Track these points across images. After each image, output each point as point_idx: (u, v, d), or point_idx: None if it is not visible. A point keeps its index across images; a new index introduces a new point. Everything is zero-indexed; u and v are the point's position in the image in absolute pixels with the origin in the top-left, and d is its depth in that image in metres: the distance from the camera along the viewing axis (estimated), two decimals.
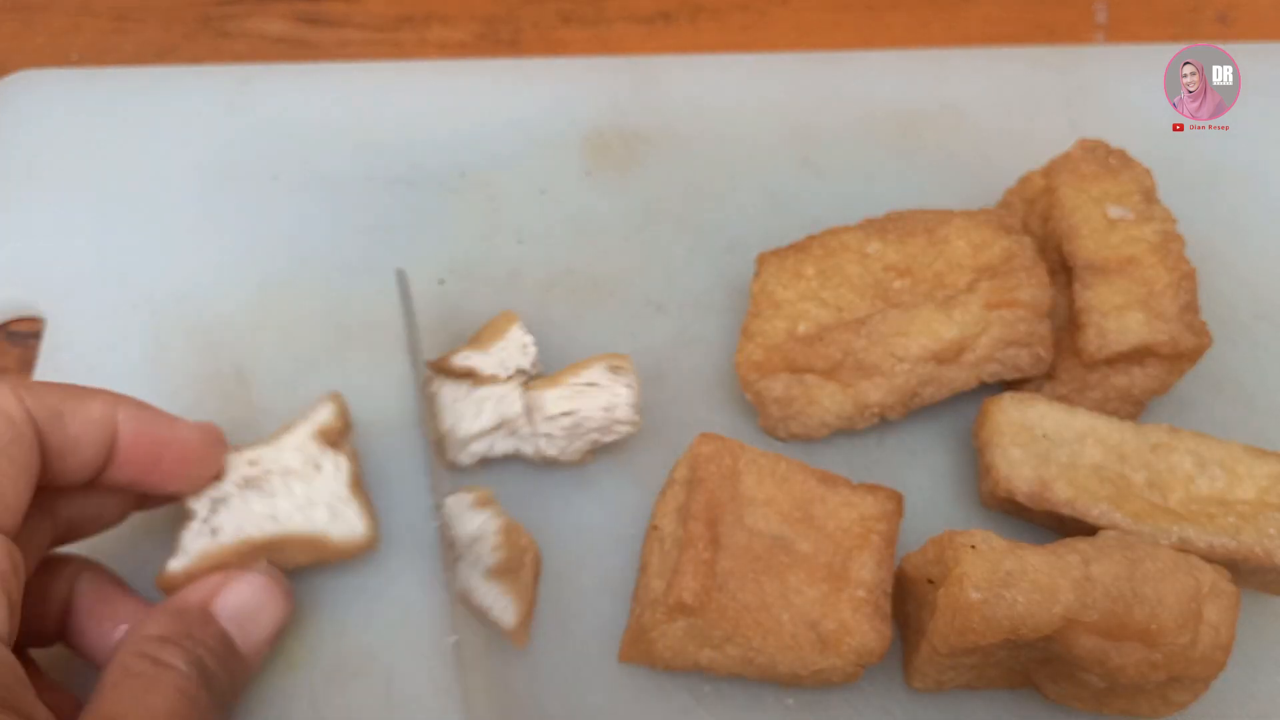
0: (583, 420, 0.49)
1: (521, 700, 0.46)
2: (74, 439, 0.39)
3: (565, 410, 0.49)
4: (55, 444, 0.39)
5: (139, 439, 0.41)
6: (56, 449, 0.39)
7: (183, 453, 0.43)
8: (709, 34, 0.72)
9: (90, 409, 0.40)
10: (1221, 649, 0.40)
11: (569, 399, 0.49)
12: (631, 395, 0.49)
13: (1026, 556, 0.40)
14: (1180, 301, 0.49)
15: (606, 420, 0.49)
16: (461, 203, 0.61)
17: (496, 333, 0.53)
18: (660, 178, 0.63)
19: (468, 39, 0.71)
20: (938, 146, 0.64)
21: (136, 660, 0.39)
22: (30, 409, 0.38)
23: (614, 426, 0.50)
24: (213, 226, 0.60)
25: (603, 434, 0.50)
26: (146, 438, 0.42)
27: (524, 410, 0.50)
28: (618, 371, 0.50)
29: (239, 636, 0.43)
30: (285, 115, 0.64)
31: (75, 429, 0.39)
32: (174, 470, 0.43)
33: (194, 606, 0.43)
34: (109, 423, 0.41)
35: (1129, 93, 0.65)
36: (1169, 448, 0.47)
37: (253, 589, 0.44)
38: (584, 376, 0.49)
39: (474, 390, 0.51)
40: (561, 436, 0.50)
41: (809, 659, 0.42)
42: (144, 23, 0.71)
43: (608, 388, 0.49)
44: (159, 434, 0.42)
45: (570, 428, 0.50)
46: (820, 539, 0.45)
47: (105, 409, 0.41)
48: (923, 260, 0.53)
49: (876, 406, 0.51)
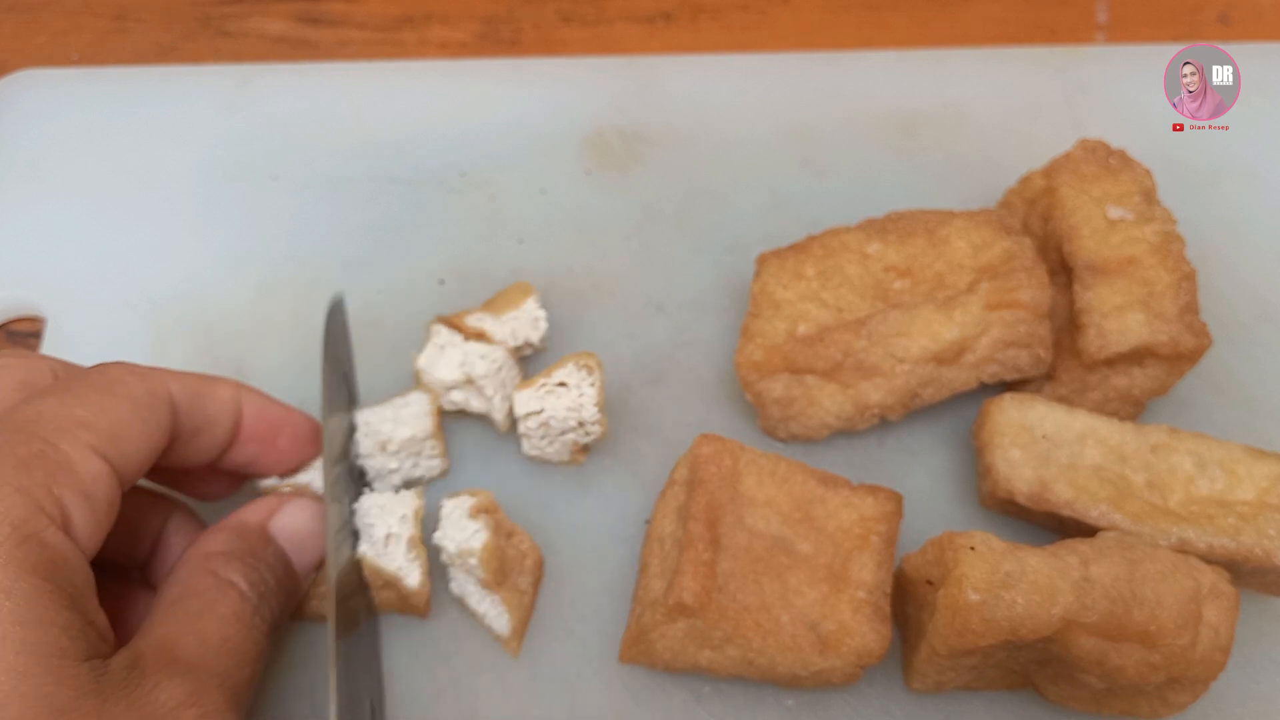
0: (550, 419, 0.49)
1: (521, 700, 0.47)
2: (211, 418, 0.43)
3: (533, 410, 0.49)
4: (195, 423, 0.42)
5: (260, 420, 0.45)
6: (194, 427, 0.42)
7: (295, 434, 0.46)
8: (709, 34, 0.72)
9: (221, 392, 0.43)
10: (1221, 650, 0.40)
11: (539, 399, 0.49)
12: (595, 394, 0.49)
13: (1026, 558, 0.40)
14: (1180, 302, 0.49)
15: (574, 420, 0.49)
16: (461, 203, 0.61)
17: (510, 301, 0.54)
18: (660, 178, 0.63)
19: (468, 39, 0.71)
20: (938, 146, 0.64)
21: (199, 576, 0.40)
22: (174, 392, 0.41)
23: (586, 427, 0.49)
24: (212, 226, 0.60)
25: (578, 435, 0.50)
26: (267, 420, 0.45)
27: (494, 373, 0.50)
28: (586, 370, 0.49)
29: (294, 557, 0.44)
30: (285, 115, 0.64)
31: (212, 409, 0.43)
32: (286, 450, 0.46)
33: (253, 525, 0.44)
34: (236, 404, 0.44)
35: (1129, 93, 0.65)
36: (1169, 449, 0.47)
37: (307, 511, 0.45)
38: (556, 376, 0.49)
39: (465, 343, 0.51)
40: (537, 436, 0.50)
41: (809, 660, 0.42)
42: (144, 22, 0.71)
43: (575, 387, 0.49)
44: (276, 416, 0.45)
45: (539, 428, 0.49)
46: (820, 540, 0.45)
47: (233, 392, 0.44)
48: (923, 261, 0.53)
49: (876, 407, 0.51)
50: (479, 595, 0.47)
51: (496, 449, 0.53)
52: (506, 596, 0.46)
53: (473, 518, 0.46)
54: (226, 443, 0.44)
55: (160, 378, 0.41)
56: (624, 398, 0.54)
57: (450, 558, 0.46)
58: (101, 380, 0.39)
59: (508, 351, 0.52)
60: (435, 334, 0.52)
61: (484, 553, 0.45)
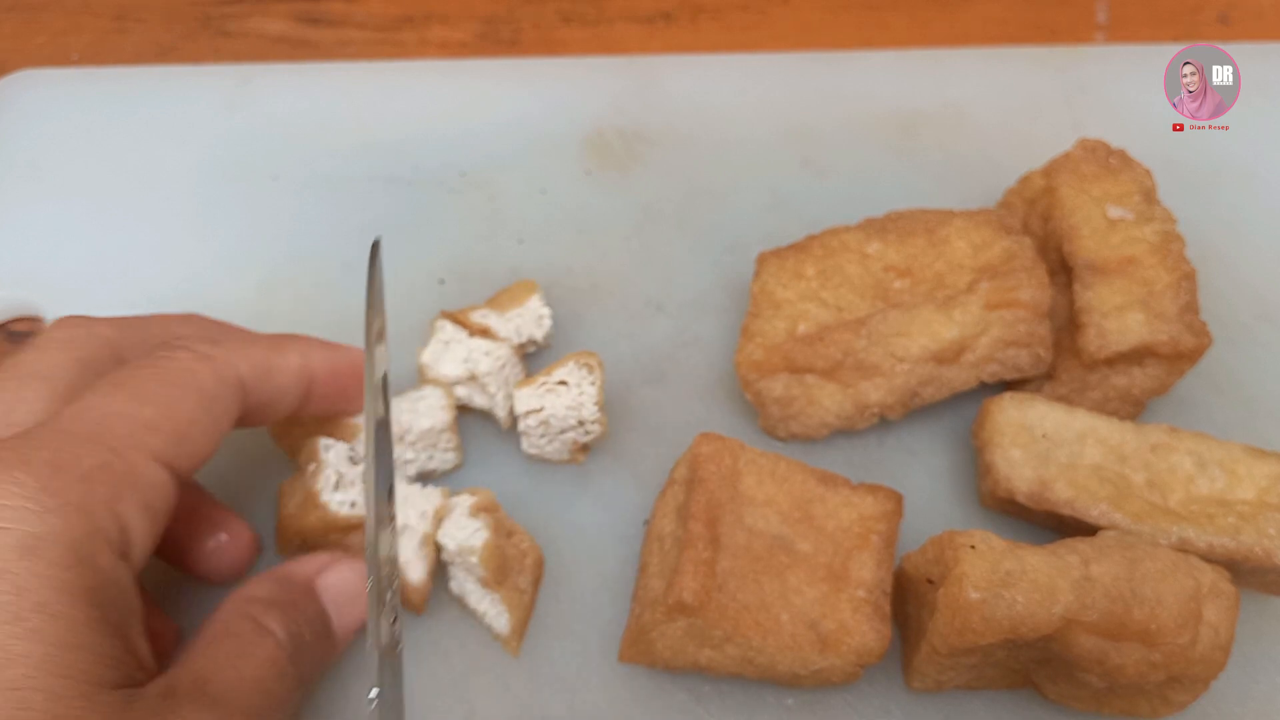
0: (550, 418, 0.49)
1: (521, 699, 0.47)
2: (280, 389, 0.43)
3: (533, 408, 0.49)
4: (264, 397, 0.42)
5: (333, 377, 0.45)
6: (265, 401, 0.42)
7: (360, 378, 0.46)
8: (709, 34, 0.72)
9: (290, 360, 0.43)
10: (1221, 649, 0.40)
11: (539, 396, 0.49)
12: (595, 393, 0.49)
13: (1026, 556, 0.40)
14: (1180, 302, 0.49)
15: (574, 419, 0.49)
16: (461, 203, 0.61)
17: (514, 299, 0.54)
18: (660, 178, 0.63)
19: (468, 39, 0.71)
20: (938, 146, 0.64)
21: (238, 620, 0.40)
22: (243, 374, 0.41)
23: (586, 426, 0.49)
24: (212, 226, 0.60)
25: (578, 434, 0.50)
26: (338, 374, 0.45)
27: (497, 370, 0.50)
28: (587, 369, 0.49)
29: (335, 618, 0.44)
30: (285, 115, 0.64)
31: (280, 380, 0.43)
32: (359, 394, 0.46)
33: (300, 579, 0.43)
34: (306, 369, 0.44)
35: (1129, 93, 0.65)
36: (1169, 448, 0.47)
37: (356, 573, 0.44)
38: (556, 374, 0.49)
39: (470, 339, 0.52)
40: (537, 434, 0.50)
41: (809, 659, 0.42)
42: (144, 22, 0.71)
43: (575, 386, 0.49)
44: (346, 367, 0.46)
45: (539, 426, 0.49)
46: (820, 539, 0.45)
47: (301, 358, 0.44)
48: (923, 260, 0.53)
49: (876, 407, 0.51)
50: (479, 594, 0.47)
51: (497, 447, 0.53)
52: (506, 596, 0.46)
53: (473, 516, 0.46)
54: (297, 405, 0.44)
55: (230, 361, 0.41)
56: (624, 397, 0.54)
57: (450, 556, 0.46)
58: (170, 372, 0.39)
59: (512, 349, 0.52)
60: (440, 329, 0.52)
61: (484, 551, 0.45)
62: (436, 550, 0.47)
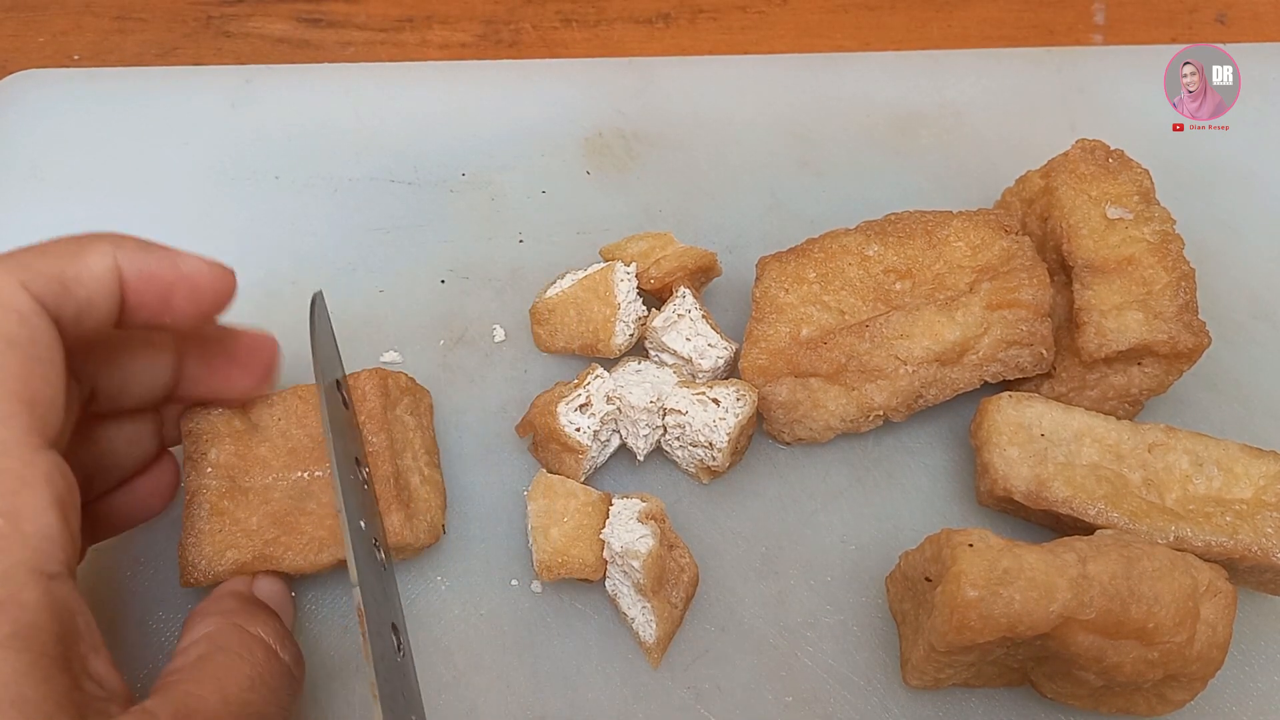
0: (687, 425, 0.49)
1: (522, 699, 0.47)
2: (85, 301, 0.37)
3: (679, 409, 0.49)
4: (69, 314, 0.36)
5: (147, 282, 0.39)
6: (71, 318, 0.36)
7: (193, 288, 0.40)
8: (709, 35, 0.72)
9: (92, 264, 0.37)
10: (1219, 647, 0.40)
11: (689, 401, 0.49)
12: (733, 424, 0.49)
13: (1024, 555, 0.40)
14: (1179, 301, 0.49)
15: (704, 439, 0.49)
16: (462, 203, 0.62)
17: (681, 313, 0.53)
18: (660, 178, 0.63)
19: (469, 40, 0.71)
20: (936, 147, 0.64)
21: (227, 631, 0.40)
22: (36, 293, 0.35)
23: (712, 451, 0.49)
24: (214, 226, 0.60)
25: (704, 454, 0.50)
26: (154, 280, 0.39)
27: (711, 366, 0.51)
28: (741, 401, 0.49)
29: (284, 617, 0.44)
30: (287, 116, 0.65)
31: (84, 291, 0.37)
32: (187, 307, 0.40)
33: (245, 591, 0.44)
34: (113, 273, 0.38)
35: (1128, 93, 0.65)
36: (1166, 447, 0.47)
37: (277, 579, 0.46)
38: (715, 391, 0.49)
39: (702, 321, 0.52)
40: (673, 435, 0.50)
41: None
42: (146, 23, 0.71)
43: (723, 408, 0.49)
44: (164, 273, 0.39)
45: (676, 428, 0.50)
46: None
47: (105, 259, 0.38)
48: (923, 262, 0.53)
49: (881, 409, 0.51)
50: (631, 599, 0.47)
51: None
52: (658, 606, 0.46)
53: (641, 522, 0.46)
54: (113, 316, 0.38)
55: (13, 283, 0.35)
56: None
57: (613, 555, 0.46)
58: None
59: (729, 353, 0.52)
60: (681, 297, 0.52)
61: (648, 559, 0.45)
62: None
